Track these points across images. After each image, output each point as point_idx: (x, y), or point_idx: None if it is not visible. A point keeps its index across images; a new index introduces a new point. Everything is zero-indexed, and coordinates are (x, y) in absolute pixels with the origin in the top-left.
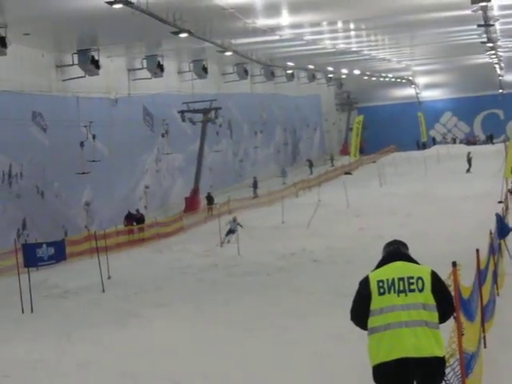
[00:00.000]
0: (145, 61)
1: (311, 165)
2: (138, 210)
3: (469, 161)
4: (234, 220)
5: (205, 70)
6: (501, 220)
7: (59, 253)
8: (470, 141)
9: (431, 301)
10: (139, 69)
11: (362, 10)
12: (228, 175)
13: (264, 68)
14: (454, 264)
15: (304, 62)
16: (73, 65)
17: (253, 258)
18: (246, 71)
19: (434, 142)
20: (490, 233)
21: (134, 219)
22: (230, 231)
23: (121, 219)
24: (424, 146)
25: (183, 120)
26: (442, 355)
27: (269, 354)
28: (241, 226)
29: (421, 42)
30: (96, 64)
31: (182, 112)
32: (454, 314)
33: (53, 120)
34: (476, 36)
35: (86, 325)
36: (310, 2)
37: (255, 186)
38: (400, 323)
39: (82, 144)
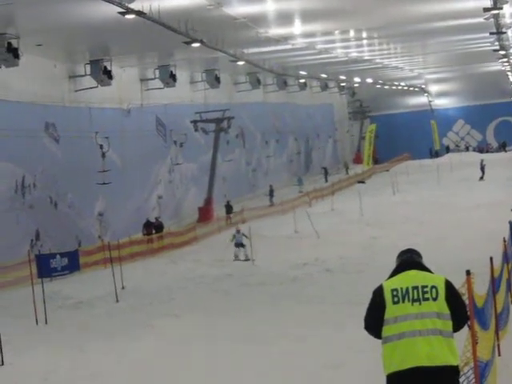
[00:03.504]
0: (157, 71)
1: (326, 173)
2: (157, 218)
3: (482, 168)
4: (238, 231)
5: (217, 79)
6: None
7: (73, 263)
8: (482, 149)
9: (445, 310)
10: (152, 79)
11: (374, 18)
12: (241, 185)
13: (276, 77)
14: (468, 272)
15: (316, 70)
16: (85, 75)
17: (266, 268)
18: (258, 80)
19: (447, 150)
20: (504, 241)
21: (153, 227)
22: (239, 244)
23: (134, 229)
24: (437, 154)
25: (196, 130)
26: (456, 364)
27: (281, 364)
28: (246, 236)
29: (433, 50)
30: (108, 74)
31: (194, 122)
32: (468, 323)
33: (66, 131)
34: (488, 44)
35: (100, 335)
36: (322, 11)
37: (271, 194)
38: (414, 332)
39: (103, 155)
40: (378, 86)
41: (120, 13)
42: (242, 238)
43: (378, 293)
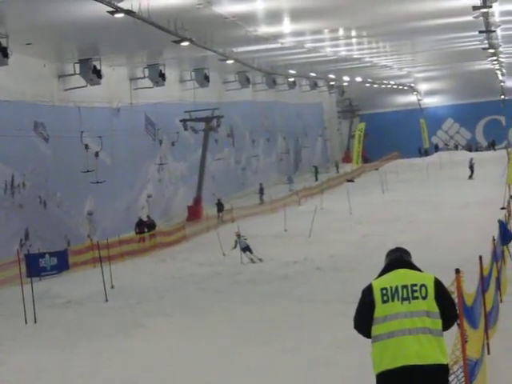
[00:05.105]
0: (146, 70)
1: (317, 171)
2: (148, 217)
3: (471, 167)
4: (239, 236)
5: (206, 78)
6: (504, 226)
7: (62, 263)
8: (471, 147)
9: (434, 308)
10: (141, 78)
11: (363, 17)
12: (231, 183)
13: (266, 76)
14: (458, 271)
15: (305, 69)
16: (74, 74)
17: (256, 267)
18: (247, 79)
19: (436, 148)
20: (493, 239)
21: (146, 225)
22: (245, 249)
23: (124, 228)
24: (426, 153)
25: (185, 129)
26: (445, 362)
27: (271, 363)
28: (243, 236)
29: (422, 48)
30: (98, 73)
31: (184, 121)
32: (458, 321)
33: (55, 130)
34: (477, 42)
35: (90, 335)
36: (311, 10)
37: (261, 192)
38: (403, 331)
39: (96, 154)
40: (367, 85)
41: (109, 12)
42: (245, 241)
43: (368, 292)
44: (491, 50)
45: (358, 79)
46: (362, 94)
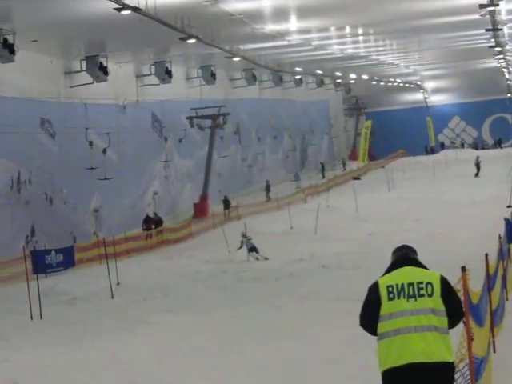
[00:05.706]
0: (153, 67)
1: (323, 169)
2: (155, 213)
3: (477, 165)
4: (245, 236)
5: (213, 75)
6: (510, 224)
7: (68, 259)
8: (477, 145)
9: (440, 306)
10: (147, 75)
11: (370, 15)
12: (237, 181)
13: (272, 73)
14: (464, 269)
15: (312, 67)
16: (81, 71)
17: (261, 264)
18: (254, 77)
19: (442, 146)
20: (499, 237)
21: (153, 222)
22: (252, 249)
23: (130, 225)
24: (432, 151)
25: (192, 126)
26: (451, 360)
27: (276, 361)
28: (249, 238)
29: (429, 46)
30: (104, 70)
31: (190, 118)
32: (464, 319)
33: (61, 127)
34: (484, 40)
35: (95, 331)
36: (318, 8)
37: (268, 189)
38: (409, 328)
39: (104, 150)
40: (374, 83)
41: (116, 9)
42: (250, 241)
43: (374, 289)
44: (498, 48)
45: (365, 77)
46: (368, 91)
